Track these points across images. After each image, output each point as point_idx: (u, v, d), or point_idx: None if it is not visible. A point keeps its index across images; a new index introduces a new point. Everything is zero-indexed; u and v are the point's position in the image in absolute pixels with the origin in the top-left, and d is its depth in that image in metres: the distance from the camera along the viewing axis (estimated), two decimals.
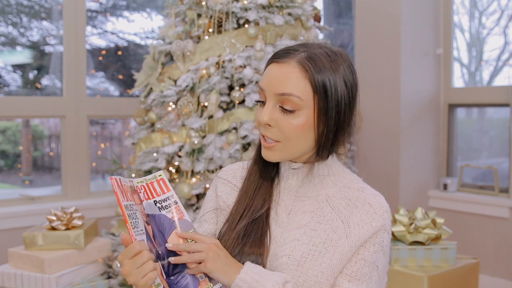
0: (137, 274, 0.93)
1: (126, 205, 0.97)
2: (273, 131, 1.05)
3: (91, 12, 3.72)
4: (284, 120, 1.04)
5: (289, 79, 1.03)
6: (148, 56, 2.86)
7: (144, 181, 1.02)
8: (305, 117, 1.04)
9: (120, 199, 0.96)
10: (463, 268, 2.29)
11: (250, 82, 2.56)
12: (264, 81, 1.07)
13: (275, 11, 2.65)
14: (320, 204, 1.11)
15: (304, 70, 1.03)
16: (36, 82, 3.59)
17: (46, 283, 2.26)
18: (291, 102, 1.03)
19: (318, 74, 1.03)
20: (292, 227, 1.10)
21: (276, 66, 1.06)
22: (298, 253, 1.05)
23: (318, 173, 1.12)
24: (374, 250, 1.07)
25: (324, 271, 1.04)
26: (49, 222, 2.43)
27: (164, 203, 1.02)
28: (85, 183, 3.43)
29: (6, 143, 3.71)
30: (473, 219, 3.51)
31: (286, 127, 1.04)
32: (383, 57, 3.67)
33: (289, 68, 1.04)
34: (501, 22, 3.65)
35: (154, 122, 2.74)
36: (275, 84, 1.04)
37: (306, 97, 1.03)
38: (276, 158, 1.08)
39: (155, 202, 1.02)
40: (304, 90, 1.03)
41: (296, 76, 1.03)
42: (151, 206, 1.02)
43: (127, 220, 0.95)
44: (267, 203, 1.11)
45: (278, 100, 1.04)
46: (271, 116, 1.05)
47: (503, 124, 3.62)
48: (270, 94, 1.05)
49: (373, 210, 1.08)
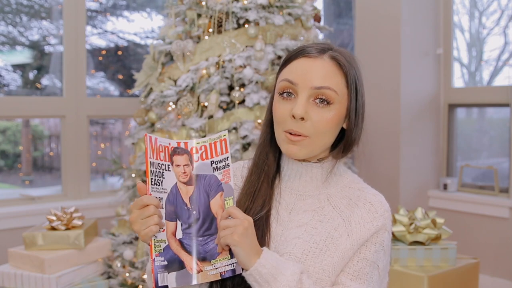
0: (141, 223, 0.98)
1: (152, 162, 1.01)
2: (305, 125, 1.04)
3: (91, 12, 3.72)
4: (317, 113, 1.04)
5: (325, 73, 1.04)
6: (148, 56, 2.86)
7: (208, 141, 1.05)
8: (337, 112, 1.05)
9: (148, 156, 1.00)
10: (463, 268, 2.29)
11: (250, 82, 2.56)
12: (296, 74, 1.06)
13: (275, 11, 2.65)
14: (321, 203, 1.12)
15: (339, 66, 1.06)
16: (36, 82, 3.59)
17: (46, 283, 2.26)
18: (328, 96, 1.04)
19: (351, 71, 1.06)
20: (293, 226, 1.10)
21: (308, 61, 1.06)
22: (299, 251, 1.06)
23: (321, 171, 1.13)
24: (375, 250, 1.07)
25: (326, 268, 1.04)
26: (49, 222, 2.43)
27: (219, 163, 1.04)
28: (85, 183, 3.43)
29: (6, 143, 3.71)
30: (473, 219, 3.51)
31: (319, 120, 1.04)
32: (383, 57, 3.67)
33: (324, 63, 1.05)
34: (501, 22, 3.65)
35: (154, 122, 2.74)
36: (311, 77, 1.04)
37: (340, 91, 1.05)
38: (301, 154, 1.06)
39: (212, 162, 1.04)
40: (339, 84, 1.05)
41: (332, 70, 1.05)
42: (206, 166, 1.04)
43: (148, 175, 1.00)
44: (267, 205, 1.11)
45: (313, 94, 1.04)
46: (306, 110, 1.04)
47: (503, 124, 3.62)
48: (304, 87, 1.04)
49: (374, 209, 1.09)
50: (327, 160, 1.13)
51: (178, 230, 1.02)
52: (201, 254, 1.02)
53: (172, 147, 1.04)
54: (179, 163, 1.04)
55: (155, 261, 1.00)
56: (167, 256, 1.01)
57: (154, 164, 1.01)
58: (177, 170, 1.03)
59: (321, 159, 1.12)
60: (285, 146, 1.07)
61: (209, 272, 1.01)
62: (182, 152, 1.04)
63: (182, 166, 1.03)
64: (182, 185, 1.03)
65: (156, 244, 1.01)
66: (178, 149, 1.04)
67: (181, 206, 1.03)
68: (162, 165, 1.03)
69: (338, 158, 1.11)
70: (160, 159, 1.02)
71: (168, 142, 1.04)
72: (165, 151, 1.03)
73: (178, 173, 1.03)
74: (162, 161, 1.02)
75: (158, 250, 1.01)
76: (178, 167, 1.03)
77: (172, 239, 1.02)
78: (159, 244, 1.01)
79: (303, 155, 1.07)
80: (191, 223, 1.03)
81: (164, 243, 1.01)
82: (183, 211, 1.03)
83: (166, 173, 1.03)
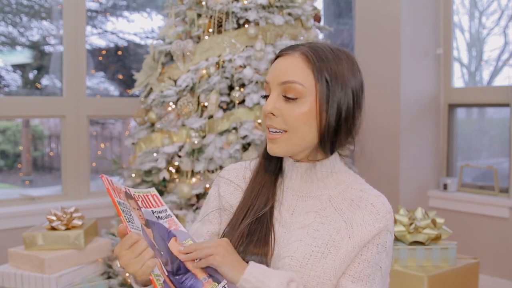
0: (136, 262, 0.95)
1: (119, 202, 0.97)
2: (277, 120, 1.07)
3: (91, 12, 3.72)
4: (287, 108, 1.06)
5: (292, 68, 1.07)
6: (148, 56, 2.86)
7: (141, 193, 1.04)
8: (308, 105, 1.06)
9: (113, 195, 0.96)
10: (463, 268, 2.29)
11: (250, 82, 2.56)
12: (270, 73, 1.10)
13: (275, 11, 2.65)
14: (323, 205, 1.11)
15: (307, 60, 1.07)
16: (36, 82, 3.59)
17: (46, 283, 2.26)
18: (293, 90, 1.05)
19: (320, 63, 1.06)
20: (295, 227, 1.10)
21: (281, 60, 1.10)
22: (300, 254, 1.05)
23: (321, 171, 1.12)
24: (377, 251, 1.07)
25: (327, 271, 1.04)
26: (49, 222, 2.43)
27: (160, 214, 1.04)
28: (85, 183, 3.43)
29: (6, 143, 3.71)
30: (473, 219, 3.51)
31: (289, 115, 1.06)
32: (383, 57, 3.67)
33: (293, 59, 1.08)
34: (501, 22, 3.65)
35: (154, 122, 2.74)
36: (279, 75, 1.08)
37: (308, 84, 1.05)
38: (281, 151, 1.08)
39: (153, 212, 1.04)
40: (306, 77, 1.06)
41: (300, 65, 1.07)
42: (149, 214, 1.03)
43: (121, 214, 0.96)
44: (270, 201, 1.12)
45: (282, 90, 1.07)
46: (275, 105, 1.07)
47: (503, 124, 3.62)
48: (274, 85, 1.08)
49: (376, 211, 1.09)
50: (325, 160, 1.12)
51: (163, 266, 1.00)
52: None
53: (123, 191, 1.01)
54: (134, 207, 1.01)
55: None
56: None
57: (121, 204, 0.99)
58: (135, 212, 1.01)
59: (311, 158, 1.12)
60: (268, 145, 1.10)
61: None
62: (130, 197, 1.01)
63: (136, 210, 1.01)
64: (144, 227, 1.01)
65: (156, 278, 0.96)
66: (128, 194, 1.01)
67: (152, 246, 0.99)
68: (126, 205, 1.00)
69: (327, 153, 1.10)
70: (122, 199, 1.00)
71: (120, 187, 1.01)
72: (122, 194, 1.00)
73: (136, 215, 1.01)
74: (124, 202, 1.00)
75: (160, 284, 0.97)
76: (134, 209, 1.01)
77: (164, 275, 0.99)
78: (157, 278, 0.97)
79: (284, 152, 1.08)
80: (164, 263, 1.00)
81: (161, 278, 0.98)
82: (155, 250, 0.99)
83: (132, 212, 1.01)
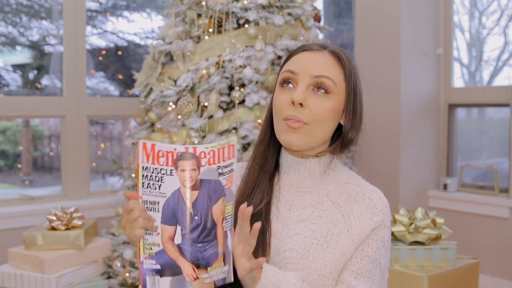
0: (129, 228, 0.99)
1: (147, 167, 1.00)
2: (304, 111, 1.07)
3: (91, 12, 3.72)
4: (315, 101, 1.07)
5: (324, 64, 1.09)
6: (148, 56, 2.86)
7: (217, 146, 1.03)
8: (335, 102, 1.08)
9: (140, 160, 1.00)
10: (463, 268, 2.29)
11: (250, 82, 2.56)
12: (297, 65, 1.10)
13: (275, 11, 2.65)
14: (321, 199, 1.13)
15: (338, 60, 1.10)
16: (36, 82, 3.59)
17: (46, 283, 2.26)
18: (326, 85, 1.07)
19: (349, 65, 1.10)
20: (292, 221, 1.11)
21: (309, 53, 1.11)
22: (300, 247, 1.07)
23: (321, 168, 1.14)
24: (377, 247, 1.08)
25: (327, 264, 1.05)
26: (49, 222, 2.43)
27: (225, 169, 1.03)
28: (85, 183, 3.43)
29: (6, 143, 3.71)
30: (473, 219, 3.51)
31: (318, 108, 1.07)
32: (383, 57, 3.67)
33: (324, 56, 1.10)
34: (501, 22, 3.65)
35: (154, 122, 2.74)
36: (311, 67, 1.08)
37: (339, 83, 1.09)
38: (300, 142, 1.08)
39: (218, 167, 1.03)
40: (338, 76, 1.09)
41: (332, 63, 1.10)
42: (212, 171, 1.02)
43: (139, 179, 1.00)
44: (265, 198, 1.13)
45: (312, 83, 1.08)
46: (305, 96, 1.07)
47: (503, 124, 3.62)
48: (304, 76, 1.08)
49: (374, 205, 1.10)
50: (325, 156, 1.14)
51: (177, 235, 1.02)
52: (199, 261, 1.01)
53: (178, 152, 1.02)
54: (185, 169, 1.02)
55: (143, 263, 1.01)
56: (161, 260, 1.01)
57: (150, 169, 1.01)
58: (182, 175, 1.02)
59: (319, 154, 1.13)
60: (284, 135, 1.08)
61: (205, 280, 1.01)
62: (189, 158, 1.02)
63: (188, 171, 1.02)
64: (186, 190, 1.02)
65: (146, 247, 1.01)
66: (185, 154, 1.02)
67: (183, 211, 1.02)
68: (162, 169, 1.01)
69: (336, 153, 1.14)
70: (159, 163, 1.01)
71: (174, 148, 1.02)
72: (167, 156, 1.02)
73: (183, 178, 1.02)
74: (162, 166, 1.01)
75: (149, 253, 1.01)
76: (183, 172, 1.02)
77: (169, 244, 1.01)
78: (149, 247, 1.01)
79: (302, 144, 1.08)
80: (192, 229, 1.02)
81: (158, 247, 1.01)
82: (184, 216, 1.02)
83: (167, 177, 1.02)
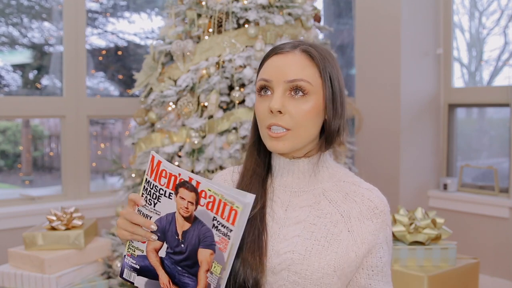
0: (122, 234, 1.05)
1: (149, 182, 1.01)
2: (284, 118, 1.06)
3: (91, 12, 3.72)
4: (294, 105, 1.06)
5: (297, 66, 1.06)
6: (148, 56, 2.86)
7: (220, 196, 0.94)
8: (314, 102, 1.07)
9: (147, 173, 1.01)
10: (463, 268, 2.29)
11: (250, 82, 2.56)
12: (270, 71, 1.08)
13: (275, 11, 2.65)
14: (317, 198, 1.12)
15: (310, 58, 1.08)
16: (36, 82, 3.59)
17: (46, 283, 2.26)
18: (301, 88, 1.06)
19: (323, 61, 1.08)
20: (290, 223, 1.10)
21: (280, 57, 1.09)
22: (301, 248, 1.06)
23: (314, 166, 1.13)
24: (387, 248, 1.11)
25: (331, 263, 1.05)
26: (49, 222, 2.44)
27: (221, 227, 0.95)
28: (85, 183, 3.43)
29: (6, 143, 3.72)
30: (473, 219, 3.51)
31: (297, 112, 1.05)
32: (383, 57, 3.67)
33: (295, 57, 1.08)
34: (501, 22, 3.65)
35: (154, 122, 2.74)
36: (284, 72, 1.06)
37: (315, 82, 1.07)
38: (286, 148, 1.07)
39: (214, 218, 0.95)
40: (313, 75, 1.07)
41: (305, 62, 1.07)
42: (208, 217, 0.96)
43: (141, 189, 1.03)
44: (260, 202, 1.11)
45: (288, 87, 1.06)
46: (282, 103, 1.05)
47: (503, 124, 3.62)
48: (278, 82, 1.07)
49: (374, 205, 1.10)
50: (314, 155, 1.14)
51: (162, 249, 1.03)
52: (175, 279, 1.02)
53: (182, 179, 0.98)
54: (184, 197, 0.99)
55: (125, 258, 1.07)
56: (141, 264, 1.05)
57: (151, 184, 1.01)
58: (180, 202, 0.99)
59: (309, 154, 1.13)
60: (269, 142, 1.08)
61: None
62: (191, 189, 0.98)
63: (186, 201, 0.99)
64: (180, 217, 1.00)
65: (130, 248, 1.06)
66: (188, 184, 0.98)
67: (173, 234, 1.01)
68: (161, 189, 1.00)
69: (323, 150, 1.13)
70: (160, 183, 1.00)
71: (178, 172, 0.99)
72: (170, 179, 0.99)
73: (180, 205, 0.99)
74: (162, 186, 1.00)
75: (131, 253, 1.06)
76: (182, 200, 0.99)
77: (153, 254, 1.04)
78: (133, 249, 1.06)
79: (289, 148, 1.07)
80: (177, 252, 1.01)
81: (141, 252, 1.04)
82: (173, 239, 1.01)
83: (165, 199, 1.00)
